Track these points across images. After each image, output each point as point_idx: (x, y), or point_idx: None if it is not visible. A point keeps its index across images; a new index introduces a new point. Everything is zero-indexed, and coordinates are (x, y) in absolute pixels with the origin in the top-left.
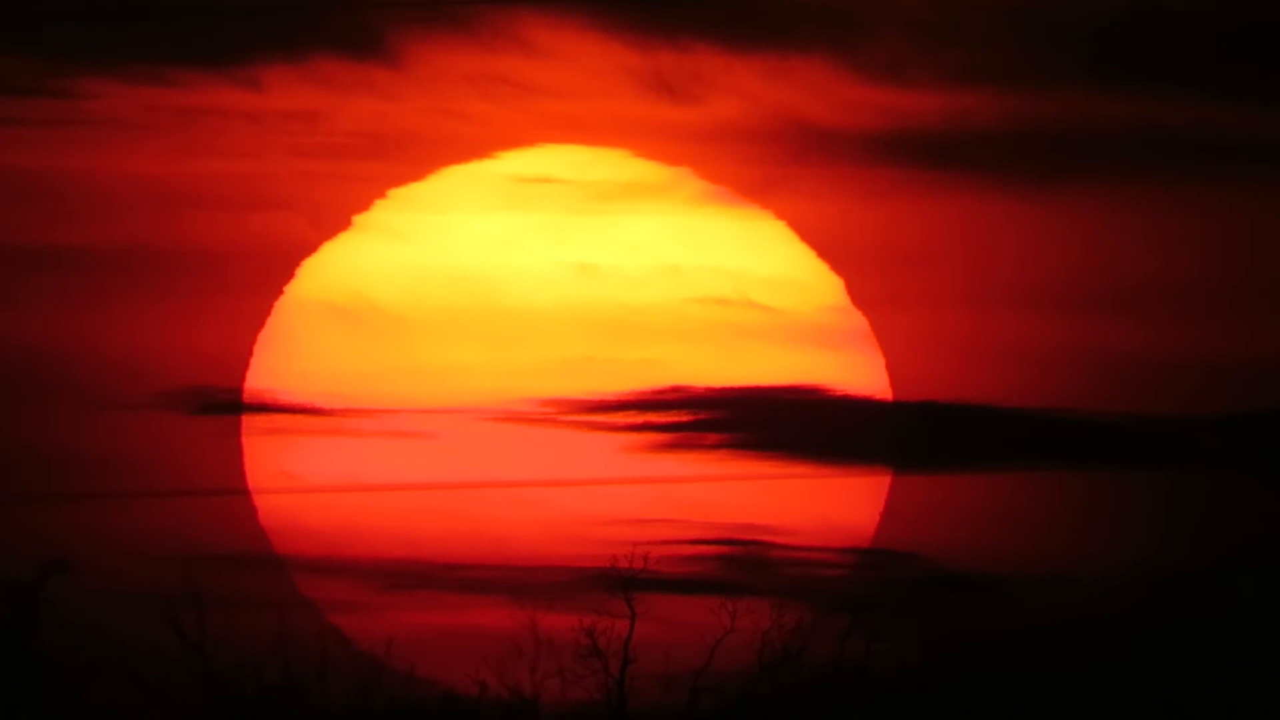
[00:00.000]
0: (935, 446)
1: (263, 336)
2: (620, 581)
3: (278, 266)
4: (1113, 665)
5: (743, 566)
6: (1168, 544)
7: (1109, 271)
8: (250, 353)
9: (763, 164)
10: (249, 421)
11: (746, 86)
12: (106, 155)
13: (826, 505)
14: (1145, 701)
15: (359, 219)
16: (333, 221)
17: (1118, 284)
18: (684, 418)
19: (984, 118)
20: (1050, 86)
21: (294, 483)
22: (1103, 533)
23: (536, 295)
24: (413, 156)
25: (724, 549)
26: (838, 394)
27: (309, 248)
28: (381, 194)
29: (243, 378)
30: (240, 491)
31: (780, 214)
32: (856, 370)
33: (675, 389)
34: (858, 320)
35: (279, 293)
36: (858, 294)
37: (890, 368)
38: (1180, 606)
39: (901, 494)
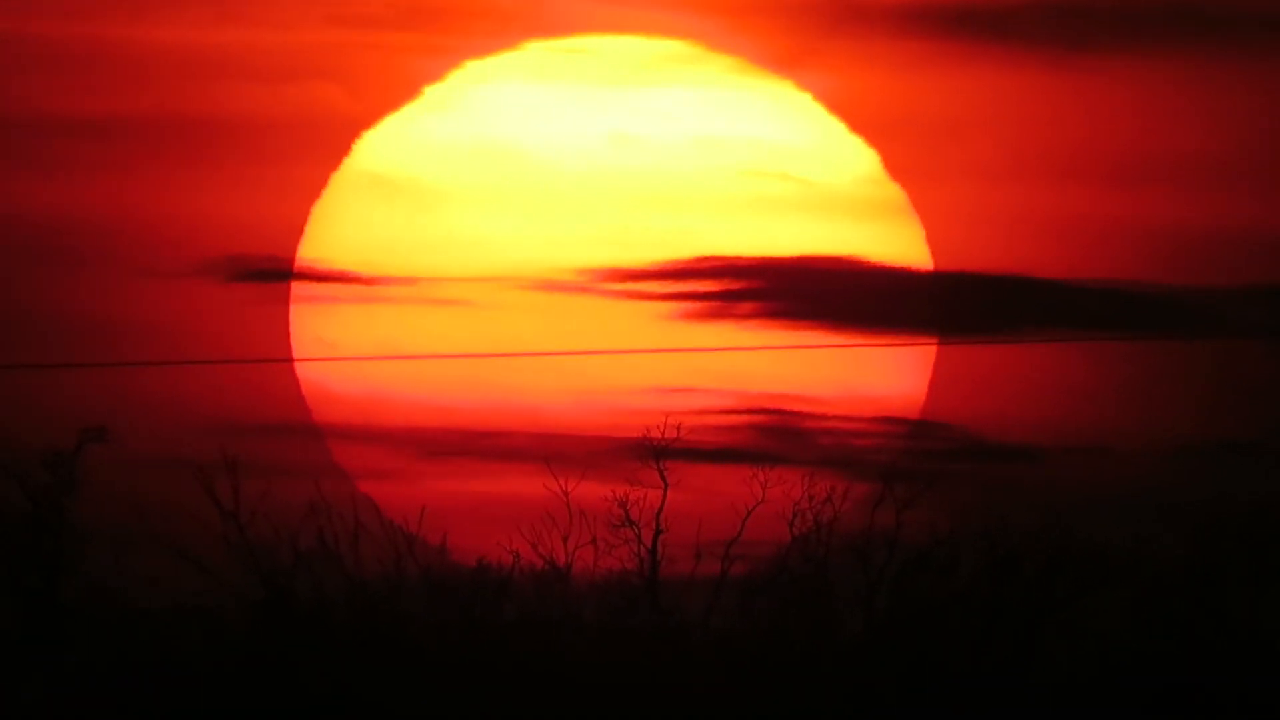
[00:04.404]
0: (975, 317)
1: (316, 207)
2: (653, 451)
3: (313, 137)
4: (1148, 535)
5: (776, 436)
6: (1206, 414)
7: (1145, 142)
8: (286, 221)
9: (795, 35)
10: (287, 289)
11: None
12: (142, 24)
13: (861, 376)
14: (1180, 571)
15: (429, 89)
16: (369, 93)
17: (1154, 154)
18: (718, 287)
19: None
20: None
21: (332, 351)
22: (1141, 403)
23: (571, 165)
24: (451, 27)
25: (757, 418)
26: (875, 265)
27: (345, 118)
28: (432, 66)
29: (280, 246)
30: (272, 360)
31: (813, 85)
32: (895, 241)
33: (709, 259)
34: (895, 192)
35: (317, 163)
36: (894, 166)
37: (930, 239)
38: (1218, 477)
39: (939, 365)
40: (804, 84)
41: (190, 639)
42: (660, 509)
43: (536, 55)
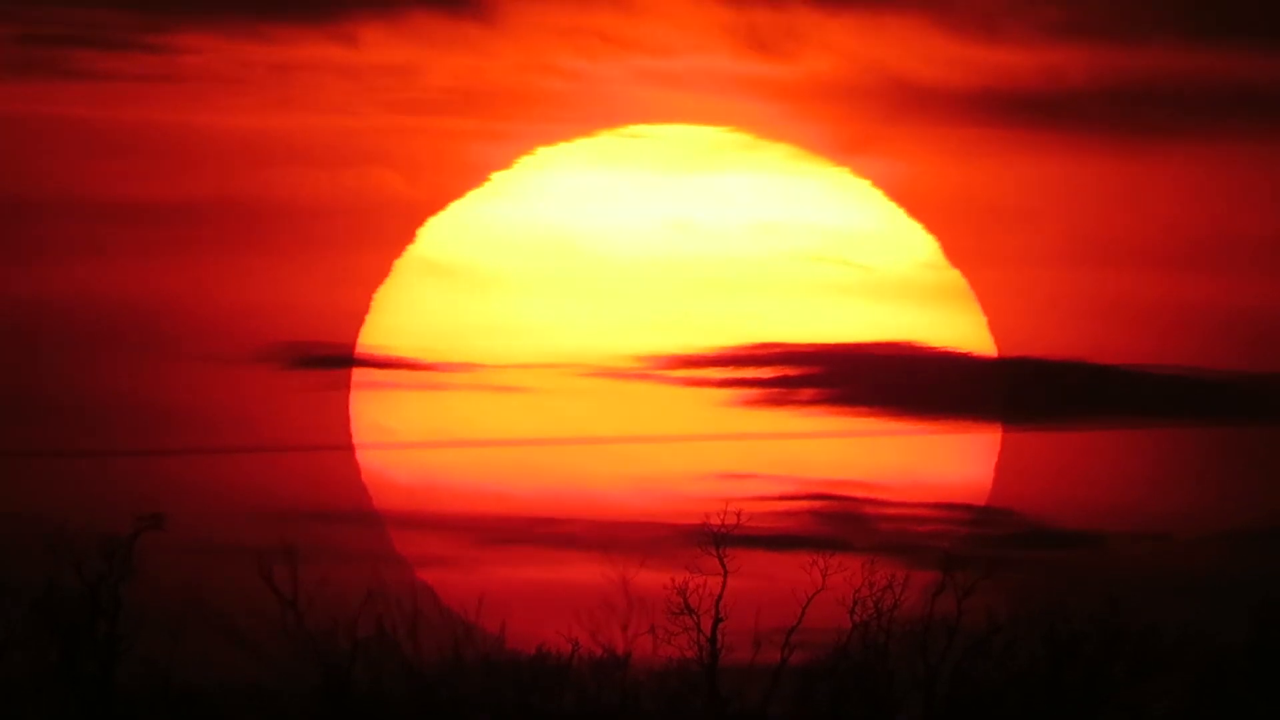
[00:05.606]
0: (1039, 403)
1: (379, 293)
2: (712, 538)
3: (376, 223)
4: (1207, 620)
5: (836, 523)
6: (1269, 501)
7: (1206, 227)
8: (348, 307)
9: (856, 121)
10: (348, 375)
11: (840, 42)
12: (202, 110)
13: (925, 462)
14: (1240, 656)
15: (496, 175)
16: (433, 179)
17: (1215, 239)
18: (777, 373)
19: (1077, 74)
20: (1143, 42)
21: (390, 437)
22: (1204, 489)
23: (631, 251)
24: (509, 114)
25: (817, 505)
26: (936, 350)
27: (408, 204)
28: (498, 153)
29: (341, 332)
30: (332, 447)
31: (874, 171)
32: (956, 327)
33: (768, 345)
34: (955, 278)
35: (380, 249)
36: (953, 252)
37: (992, 325)
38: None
39: (1004, 450)
40: (862, 170)
41: None
42: (720, 596)
43: (602, 143)
